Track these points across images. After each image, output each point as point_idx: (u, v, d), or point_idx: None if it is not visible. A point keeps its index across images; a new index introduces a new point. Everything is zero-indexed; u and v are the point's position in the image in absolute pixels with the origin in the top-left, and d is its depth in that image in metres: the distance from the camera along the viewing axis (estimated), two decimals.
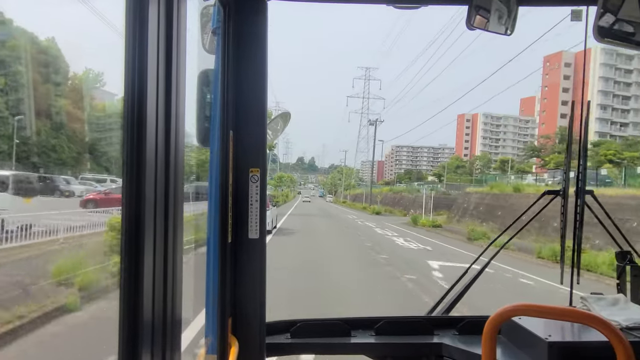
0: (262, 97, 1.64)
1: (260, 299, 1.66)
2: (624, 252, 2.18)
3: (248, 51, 1.62)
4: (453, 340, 1.88)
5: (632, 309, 1.82)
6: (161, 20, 0.92)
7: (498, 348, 1.39)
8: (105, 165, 11.32)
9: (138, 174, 0.87)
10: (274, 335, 1.89)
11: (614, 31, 1.53)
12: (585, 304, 1.88)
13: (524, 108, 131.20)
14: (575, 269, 2.04)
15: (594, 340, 1.54)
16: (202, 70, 1.58)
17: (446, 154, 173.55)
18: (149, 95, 0.88)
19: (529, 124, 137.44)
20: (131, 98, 0.86)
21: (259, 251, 1.65)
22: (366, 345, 1.92)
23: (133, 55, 0.86)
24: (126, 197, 0.86)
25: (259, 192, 1.64)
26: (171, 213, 0.97)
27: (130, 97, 0.86)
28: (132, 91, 0.86)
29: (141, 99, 0.87)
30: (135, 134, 0.86)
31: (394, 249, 19.10)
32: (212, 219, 1.48)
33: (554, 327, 1.67)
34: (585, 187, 2.00)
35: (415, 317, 2.04)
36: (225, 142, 1.51)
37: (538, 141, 67.70)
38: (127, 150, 0.86)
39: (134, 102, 0.86)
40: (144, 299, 0.87)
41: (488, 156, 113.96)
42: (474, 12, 1.65)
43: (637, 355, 1.19)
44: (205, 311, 1.48)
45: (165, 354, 0.96)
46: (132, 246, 0.86)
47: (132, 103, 0.86)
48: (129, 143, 0.86)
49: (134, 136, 0.86)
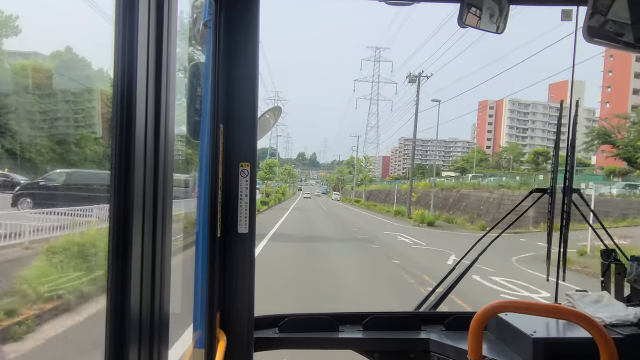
0: (253, 91, 1.63)
1: (249, 293, 1.66)
2: (608, 250, 2.21)
3: (239, 45, 1.61)
4: (440, 336, 1.90)
5: (616, 306, 1.85)
6: (152, 13, 0.91)
7: (484, 344, 1.40)
8: None
9: (127, 167, 0.86)
10: (262, 330, 1.89)
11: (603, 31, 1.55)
12: (570, 300, 1.90)
13: (553, 94, 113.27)
14: (562, 265, 2.06)
15: (578, 336, 1.57)
16: (192, 63, 1.57)
17: (458, 148, 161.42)
18: (138, 87, 0.87)
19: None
20: (120, 90, 0.85)
21: (248, 246, 1.65)
22: (354, 340, 1.93)
23: (123, 47, 0.85)
24: (114, 189, 0.85)
25: (248, 186, 1.64)
26: (160, 206, 0.96)
27: (119, 89, 0.85)
28: (121, 83, 0.85)
29: (130, 91, 0.86)
30: (124, 126, 0.85)
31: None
32: (201, 213, 1.48)
33: (539, 323, 1.69)
34: (572, 185, 2.03)
35: (403, 312, 2.05)
36: (216, 135, 1.50)
37: (610, 122, 46.71)
38: (116, 143, 0.85)
39: (123, 95, 0.85)
40: (131, 293, 0.87)
41: (518, 148, 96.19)
42: (466, 9, 1.66)
43: (620, 352, 1.21)
44: (193, 305, 1.47)
45: (153, 348, 0.95)
46: (119, 239, 0.86)
47: (121, 95, 0.85)
48: (118, 135, 0.85)
49: (123, 128, 0.85)
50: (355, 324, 1.99)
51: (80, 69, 6.98)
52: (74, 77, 6.76)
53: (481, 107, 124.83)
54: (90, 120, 6.04)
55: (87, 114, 6.06)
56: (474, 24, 1.69)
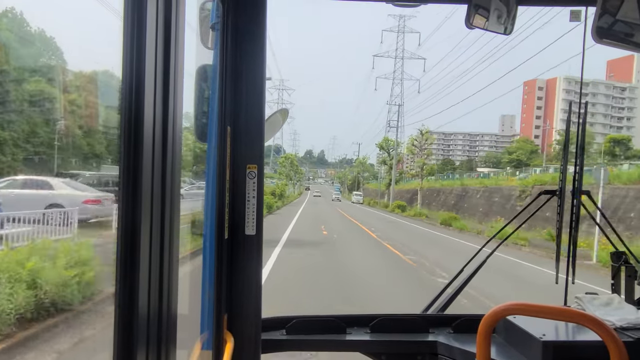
0: (260, 93, 1.64)
1: (256, 295, 1.66)
2: (618, 252, 2.19)
3: (247, 47, 1.61)
4: (448, 339, 1.89)
5: (626, 309, 1.82)
6: (160, 15, 0.92)
7: (493, 347, 1.39)
8: None
9: (135, 169, 0.86)
10: (270, 332, 1.90)
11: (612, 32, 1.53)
12: (580, 303, 1.89)
13: (614, 72, 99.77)
14: (571, 268, 2.05)
15: (587, 339, 1.55)
16: (200, 65, 1.58)
17: (485, 142, 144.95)
18: (146, 90, 0.87)
19: (626, 92, 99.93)
20: (129, 93, 0.86)
21: (255, 247, 1.65)
22: (361, 342, 1.93)
23: (131, 50, 0.86)
24: (123, 191, 0.86)
25: (256, 188, 1.64)
26: (168, 208, 0.97)
27: (128, 92, 0.86)
28: (130, 86, 0.86)
29: (139, 94, 0.86)
30: (133, 129, 0.86)
31: None
32: (208, 214, 1.48)
33: (548, 326, 1.67)
34: (581, 187, 2.01)
35: (411, 315, 2.04)
36: (223, 137, 1.51)
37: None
38: (124, 145, 0.86)
39: (131, 97, 0.86)
40: (139, 293, 0.87)
41: (591, 135, 68.64)
42: (474, 11, 1.65)
43: (631, 355, 1.19)
44: (200, 307, 1.48)
45: (161, 350, 0.96)
46: (128, 240, 0.86)
47: (129, 98, 0.86)
48: (127, 138, 0.86)
49: (132, 131, 0.86)
50: (363, 326, 1.98)
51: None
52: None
53: (528, 90, 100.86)
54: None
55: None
56: (481, 25, 1.68)
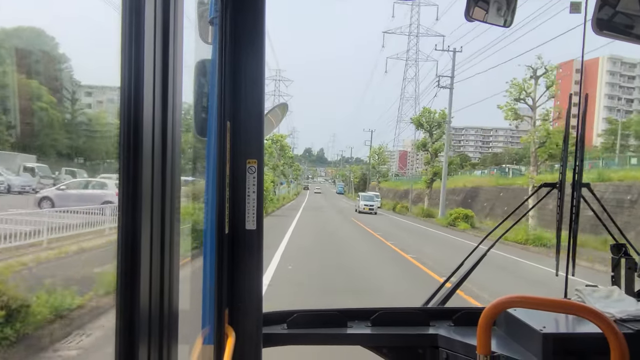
0: (259, 87, 1.63)
1: (257, 289, 1.67)
2: (619, 244, 2.19)
3: (246, 41, 1.61)
4: (448, 332, 1.89)
5: (626, 301, 1.83)
6: (158, 9, 0.91)
7: (493, 339, 1.40)
8: None
9: (134, 164, 0.86)
10: (271, 326, 1.90)
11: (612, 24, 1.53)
12: (580, 295, 1.89)
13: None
14: (571, 260, 2.05)
15: (588, 332, 1.55)
16: (199, 60, 1.57)
17: (500, 137, 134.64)
18: (145, 85, 0.87)
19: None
20: (127, 88, 0.86)
21: (256, 242, 1.66)
22: (362, 335, 1.93)
23: (130, 45, 0.85)
24: (123, 187, 0.86)
25: (256, 183, 1.64)
26: (168, 203, 0.97)
27: (126, 87, 0.86)
28: (128, 82, 0.86)
29: (138, 90, 0.86)
30: (132, 125, 0.86)
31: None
32: (208, 209, 1.48)
33: (548, 318, 1.68)
34: (581, 179, 2.01)
35: (411, 308, 2.05)
36: (222, 132, 1.50)
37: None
38: (124, 142, 0.86)
39: (130, 93, 0.86)
40: (141, 289, 0.87)
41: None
42: (473, 3, 1.65)
43: (631, 347, 1.20)
44: (202, 302, 1.48)
45: (163, 344, 0.96)
46: (128, 236, 0.86)
47: (128, 94, 0.86)
48: (125, 133, 0.85)
49: (131, 127, 0.86)
50: (364, 320, 1.99)
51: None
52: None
53: (563, 73, 76.65)
54: None
55: None
56: (481, 18, 1.68)
